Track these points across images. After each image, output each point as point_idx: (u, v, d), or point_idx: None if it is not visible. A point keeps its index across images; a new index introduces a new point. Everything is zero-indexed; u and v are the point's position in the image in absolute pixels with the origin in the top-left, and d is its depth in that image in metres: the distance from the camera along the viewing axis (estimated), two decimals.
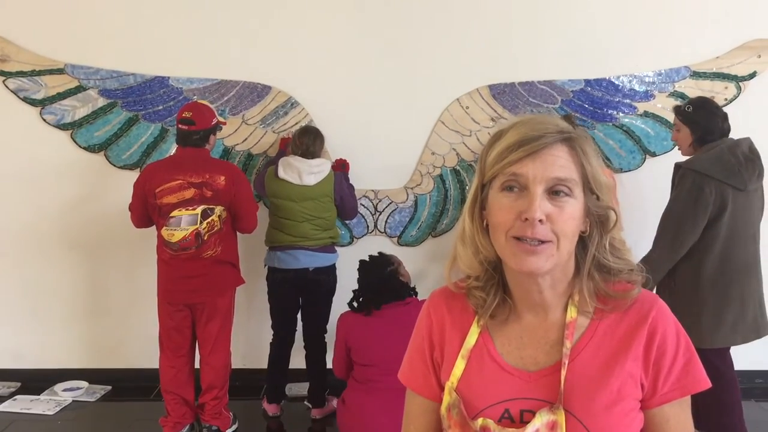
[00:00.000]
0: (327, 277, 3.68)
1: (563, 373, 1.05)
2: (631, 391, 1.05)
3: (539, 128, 1.04)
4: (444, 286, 1.24)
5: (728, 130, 3.08)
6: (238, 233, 3.45)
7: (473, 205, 1.11)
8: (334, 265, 3.72)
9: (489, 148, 1.08)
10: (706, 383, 1.09)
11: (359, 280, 3.27)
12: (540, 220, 1.00)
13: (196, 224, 3.16)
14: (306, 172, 3.54)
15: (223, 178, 3.24)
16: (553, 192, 1.02)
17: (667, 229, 2.99)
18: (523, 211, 1.01)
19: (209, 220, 3.20)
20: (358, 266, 3.32)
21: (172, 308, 3.33)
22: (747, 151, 2.99)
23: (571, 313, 1.09)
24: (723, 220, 2.95)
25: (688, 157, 3.11)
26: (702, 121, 3.05)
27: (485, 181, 1.08)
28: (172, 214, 3.18)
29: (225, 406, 3.48)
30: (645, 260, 3.03)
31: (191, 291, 3.29)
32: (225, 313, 3.39)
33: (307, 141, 3.63)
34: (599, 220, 1.08)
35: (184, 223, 3.17)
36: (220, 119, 3.49)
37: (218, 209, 3.23)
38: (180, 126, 3.28)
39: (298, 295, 3.68)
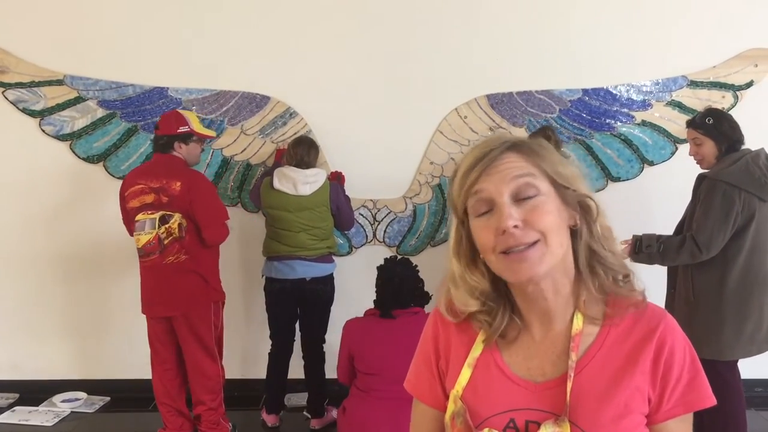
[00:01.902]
0: (324, 287, 3.67)
1: (569, 385, 1.04)
2: (638, 405, 1.04)
3: (488, 144, 1.07)
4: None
5: (743, 138, 3.06)
6: (218, 248, 3.40)
7: (458, 245, 1.12)
8: (331, 275, 3.71)
9: (451, 183, 1.11)
10: (711, 400, 1.07)
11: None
12: (516, 226, 1.01)
13: (155, 228, 3.12)
14: (301, 182, 3.54)
15: (178, 184, 3.18)
16: (521, 198, 1.03)
17: (703, 242, 2.91)
18: (498, 225, 1.02)
19: (167, 225, 3.14)
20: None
21: (151, 320, 3.36)
22: (767, 162, 2.97)
23: (578, 323, 1.08)
24: (749, 232, 2.93)
25: (707, 170, 3.06)
26: (729, 131, 3.01)
27: (460, 215, 1.10)
28: (136, 218, 3.17)
29: (223, 416, 3.44)
30: (667, 240, 3.02)
31: (159, 304, 3.28)
32: (204, 328, 3.30)
33: (301, 151, 3.62)
34: (582, 211, 1.08)
35: (147, 227, 3.14)
36: (204, 132, 3.44)
37: (176, 216, 3.15)
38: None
39: (296, 305, 3.67)
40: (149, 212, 3.15)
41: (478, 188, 1.04)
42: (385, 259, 3.27)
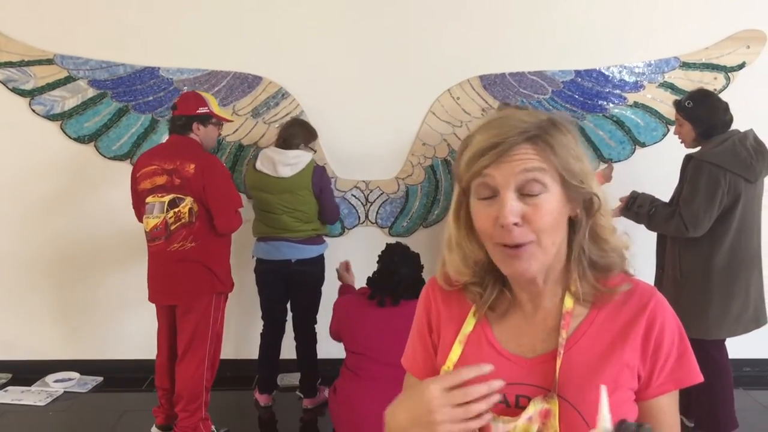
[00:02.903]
0: (311, 268, 3.63)
1: (558, 362, 1.05)
2: (627, 381, 1.06)
3: (503, 131, 1.03)
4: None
5: (731, 120, 3.09)
6: (229, 237, 3.31)
7: (458, 211, 1.12)
8: (320, 256, 3.67)
9: (460, 156, 1.09)
10: (699, 377, 1.09)
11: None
12: (516, 224, 1.01)
13: (163, 212, 3.03)
14: (281, 164, 3.49)
15: (192, 166, 3.07)
16: (526, 192, 1.02)
17: (690, 221, 2.96)
18: (497, 217, 1.02)
19: (176, 210, 3.04)
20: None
21: (157, 305, 3.31)
22: (754, 143, 3.01)
23: (568, 303, 1.10)
24: (736, 213, 2.97)
25: (696, 149, 3.11)
26: (704, 116, 3.06)
27: (464, 187, 1.09)
28: (147, 200, 3.09)
29: (202, 421, 3.21)
30: (659, 207, 3.09)
31: (160, 291, 3.21)
32: (200, 318, 3.17)
33: (288, 132, 3.60)
34: (585, 205, 1.08)
35: (156, 211, 3.05)
36: (223, 115, 3.38)
37: (188, 200, 3.05)
38: (171, 111, 3.28)
39: (285, 286, 3.66)
40: (160, 195, 3.06)
41: (487, 178, 1.03)
42: (393, 250, 3.20)
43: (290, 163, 3.50)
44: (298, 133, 3.61)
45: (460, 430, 0.96)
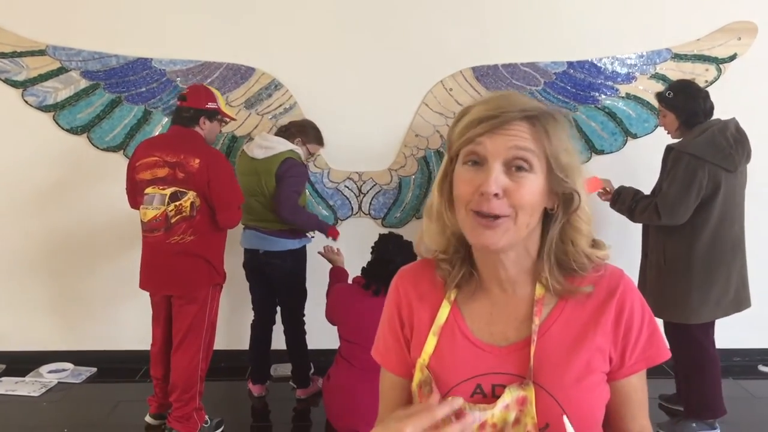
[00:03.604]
0: (281, 262, 3.54)
1: (532, 349, 1.07)
2: (599, 365, 1.08)
3: (503, 105, 1.05)
4: (411, 264, 1.27)
5: (711, 109, 3.15)
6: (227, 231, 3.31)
7: (443, 180, 1.13)
8: (289, 251, 3.56)
9: (455, 124, 1.10)
10: (667, 354, 1.12)
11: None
12: (496, 194, 1.01)
13: (164, 205, 3.00)
14: (257, 146, 3.48)
15: (197, 161, 3.05)
16: (513, 167, 1.03)
17: (663, 208, 3.03)
18: (480, 184, 1.02)
19: (177, 203, 3.01)
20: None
21: (151, 295, 3.30)
22: (735, 133, 3.05)
23: (539, 291, 1.11)
24: (716, 202, 3.02)
25: (678, 140, 3.16)
26: (683, 105, 3.12)
27: (452, 155, 1.10)
28: (146, 191, 3.06)
29: (196, 410, 3.23)
30: (639, 200, 3.17)
31: (157, 281, 3.20)
32: (198, 310, 3.18)
33: (295, 123, 3.65)
34: (564, 201, 1.08)
35: (156, 202, 3.02)
36: (229, 113, 3.37)
37: (190, 194, 3.03)
38: (177, 101, 3.24)
39: (265, 277, 3.63)
40: (160, 187, 3.03)
41: (477, 146, 1.04)
42: (388, 239, 3.25)
43: (265, 146, 3.47)
44: (296, 126, 3.64)
45: None
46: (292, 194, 3.44)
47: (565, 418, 1.02)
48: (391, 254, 3.13)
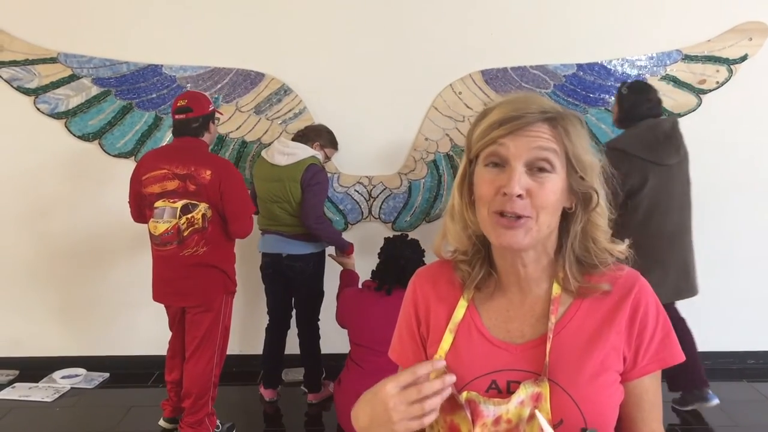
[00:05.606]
0: (304, 264, 3.58)
1: (548, 346, 1.08)
2: (614, 363, 1.09)
3: (522, 107, 1.06)
4: (429, 264, 1.28)
5: (655, 113, 3.31)
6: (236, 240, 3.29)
7: (462, 182, 1.14)
8: (312, 254, 3.60)
9: (475, 126, 1.11)
10: (681, 356, 1.13)
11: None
12: (519, 195, 1.03)
13: (175, 218, 2.98)
14: (279, 152, 3.51)
15: (209, 172, 3.02)
16: (535, 168, 1.04)
17: None
18: (503, 185, 1.04)
19: (189, 216, 2.99)
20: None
21: (166, 306, 3.31)
22: (669, 130, 3.23)
23: (556, 289, 1.13)
24: (644, 193, 3.17)
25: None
26: (625, 104, 3.31)
27: (471, 157, 1.11)
28: (156, 205, 3.03)
29: (208, 416, 3.25)
30: None
31: (173, 294, 3.19)
32: (212, 318, 3.18)
33: (312, 128, 3.69)
34: (583, 199, 1.10)
35: (167, 215, 2.99)
36: (217, 109, 3.41)
37: (202, 206, 3.02)
38: (176, 117, 3.14)
39: (284, 281, 3.65)
40: (171, 200, 3.01)
41: (499, 148, 1.05)
42: (393, 239, 3.28)
43: (287, 152, 3.50)
44: (312, 131, 3.66)
45: (417, 426, 0.99)
46: (318, 204, 3.52)
47: (537, 413, 1.01)
48: (399, 251, 3.16)
